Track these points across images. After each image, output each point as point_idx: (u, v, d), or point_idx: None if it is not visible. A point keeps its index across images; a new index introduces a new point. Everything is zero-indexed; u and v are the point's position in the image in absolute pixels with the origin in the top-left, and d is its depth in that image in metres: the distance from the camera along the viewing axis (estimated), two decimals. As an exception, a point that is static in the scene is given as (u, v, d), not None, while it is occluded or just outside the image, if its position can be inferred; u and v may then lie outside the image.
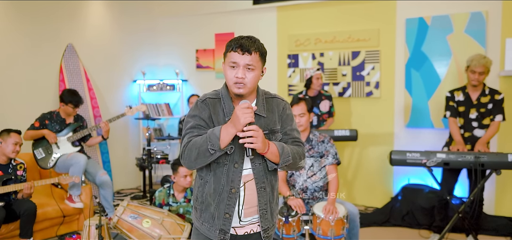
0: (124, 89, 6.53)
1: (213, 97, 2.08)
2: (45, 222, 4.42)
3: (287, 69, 5.97)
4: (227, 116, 2.03)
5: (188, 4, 6.59)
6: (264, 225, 2.11)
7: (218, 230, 2.06)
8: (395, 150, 3.81)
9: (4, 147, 3.98)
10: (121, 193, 6.28)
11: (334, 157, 3.61)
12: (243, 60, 1.95)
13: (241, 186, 2.05)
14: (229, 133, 1.93)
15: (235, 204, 2.05)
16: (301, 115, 3.59)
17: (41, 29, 5.41)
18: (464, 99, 4.17)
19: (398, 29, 5.31)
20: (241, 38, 1.98)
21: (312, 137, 3.67)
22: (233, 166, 2.03)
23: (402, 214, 4.89)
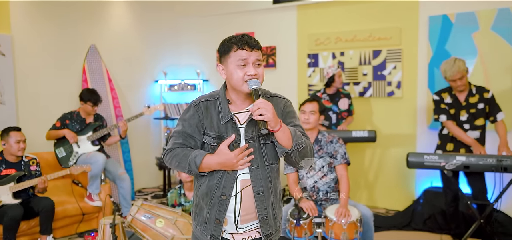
0: (145, 89, 6.61)
1: (207, 100, 2.03)
2: (65, 220, 4.51)
3: (307, 69, 5.90)
4: (222, 120, 1.97)
5: (208, 3, 6.60)
6: (266, 230, 2.02)
7: (210, 235, 2.01)
8: (412, 152, 3.69)
9: (8, 147, 4.08)
10: (143, 192, 6.35)
11: (343, 157, 3.54)
12: (253, 56, 1.92)
13: (238, 192, 1.97)
14: (210, 168, 1.95)
15: (225, 211, 1.98)
16: (311, 112, 3.55)
17: (65, 30, 5.53)
18: (452, 101, 4.01)
19: (420, 27, 5.15)
20: (242, 36, 1.94)
21: (320, 137, 3.60)
22: (227, 172, 1.96)
23: (424, 218, 4.74)
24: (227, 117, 1.97)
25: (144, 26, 6.50)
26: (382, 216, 5.11)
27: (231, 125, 1.97)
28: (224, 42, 1.98)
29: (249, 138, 1.97)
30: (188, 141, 1.99)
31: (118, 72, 6.16)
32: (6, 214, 3.88)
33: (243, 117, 2.00)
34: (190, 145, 1.99)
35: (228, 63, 1.95)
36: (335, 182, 3.59)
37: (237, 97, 2.01)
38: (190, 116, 2.00)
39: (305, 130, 3.53)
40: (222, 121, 1.97)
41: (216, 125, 1.97)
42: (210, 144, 1.97)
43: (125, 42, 6.29)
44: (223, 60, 1.98)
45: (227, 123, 1.97)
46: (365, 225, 3.43)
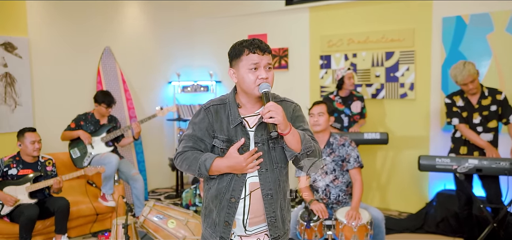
0: (159, 90, 6.67)
1: (217, 104, 2.06)
2: (80, 219, 4.58)
3: (319, 70, 5.89)
4: (231, 123, 2.00)
5: (221, 5, 6.64)
6: (274, 233, 2.05)
7: (219, 237, 2.04)
8: (424, 155, 3.66)
9: (24, 148, 4.15)
10: (156, 192, 6.42)
11: (356, 161, 3.53)
12: (264, 60, 1.96)
13: (247, 195, 2.00)
14: (220, 171, 1.98)
15: (234, 213, 2.01)
16: (320, 114, 3.56)
17: (79, 33, 5.62)
18: (465, 104, 3.96)
19: (434, 29, 5.11)
20: (253, 40, 1.97)
21: (332, 140, 3.60)
22: (236, 175, 1.99)
23: (437, 221, 4.70)
24: (237, 120, 1.99)
25: (157, 28, 6.56)
26: (395, 219, 5.08)
27: (241, 128, 2.00)
28: (235, 46, 2.00)
29: (258, 141, 2.00)
30: (198, 144, 2.02)
31: (132, 74, 6.23)
32: (23, 213, 3.96)
33: (252, 121, 2.02)
34: (200, 148, 2.02)
35: (239, 66, 1.97)
36: (347, 185, 3.59)
37: (248, 101, 2.03)
38: (200, 119, 2.03)
39: (316, 132, 3.55)
40: (232, 125, 2.00)
41: (225, 128, 2.00)
42: (220, 147, 2.00)
43: (139, 44, 6.36)
44: (234, 63, 2.00)
45: (237, 126, 2.00)
46: (376, 228, 3.42)
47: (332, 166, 3.55)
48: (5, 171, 4.10)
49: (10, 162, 4.13)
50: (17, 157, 4.18)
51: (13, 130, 4.95)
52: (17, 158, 4.17)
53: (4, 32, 4.90)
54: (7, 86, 4.93)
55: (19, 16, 5.04)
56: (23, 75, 5.06)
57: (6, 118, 4.94)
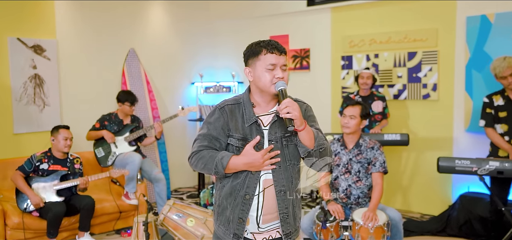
0: (182, 91, 6.78)
1: (232, 103, 2.11)
2: (103, 217, 4.71)
3: (341, 71, 5.87)
4: (246, 122, 2.05)
5: (243, 6, 6.69)
6: (286, 230, 2.10)
7: (232, 234, 2.08)
8: (443, 156, 3.61)
9: (56, 143, 4.30)
10: (179, 191, 6.53)
11: (381, 165, 3.51)
12: (281, 60, 2.02)
13: (260, 192, 2.05)
14: (237, 168, 2.02)
15: (249, 210, 2.05)
16: (351, 116, 3.54)
17: (105, 35, 5.78)
18: (505, 103, 3.87)
19: (458, 28, 5.02)
20: (270, 41, 2.04)
21: (361, 142, 3.59)
22: (251, 172, 2.04)
23: (460, 223, 4.62)
24: (252, 119, 2.05)
25: (180, 29, 6.67)
26: (417, 221, 5.02)
27: (256, 127, 2.05)
28: (252, 45, 2.06)
29: (272, 139, 2.05)
30: (214, 143, 2.06)
31: (155, 75, 6.35)
32: (51, 210, 4.11)
33: (266, 119, 2.08)
34: (215, 147, 2.07)
35: (256, 66, 2.03)
36: (369, 188, 3.58)
37: (262, 100, 2.08)
38: (215, 119, 2.08)
39: (345, 134, 3.56)
40: (247, 123, 2.05)
41: (241, 127, 2.05)
42: (235, 145, 2.05)
43: (163, 45, 6.48)
44: (251, 62, 2.06)
45: (252, 125, 2.05)
46: (393, 228, 3.40)
47: (357, 167, 3.54)
48: (37, 166, 4.26)
49: (42, 157, 4.29)
50: (49, 153, 4.34)
51: (42, 129, 5.14)
52: (49, 154, 4.33)
53: (34, 35, 5.08)
54: (36, 87, 5.12)
55: (48, 19, 5.22)
56: (51, 77, 5.24)
57: (35, 118, 5.12)
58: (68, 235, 4.50)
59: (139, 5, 6.15)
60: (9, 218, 4.13)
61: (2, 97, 4.86)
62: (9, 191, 4.50)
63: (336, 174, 3.63)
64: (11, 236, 4.14)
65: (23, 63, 4.99)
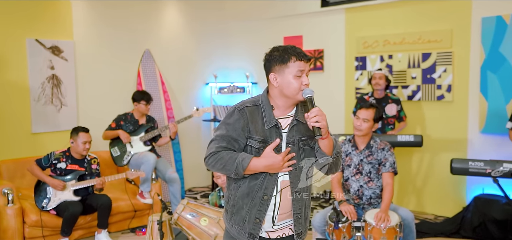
0: (196, 91, 6.84)
1: (251, 105, 2.12)
2: (119, 215, 4.78)
3: (354, 72, 5.87)
4: (266, 125, 2.08)
5: (257, 7, 6.72)
6: (298, 229, 2.16)
7: (247, 234, 2.11)
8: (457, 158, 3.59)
9: (76, 146, 4.38)
10: (193, 191, 6.59)
11: (391, 166, 3.52)
12: (307, 67, 2.07)
13: (277, 192, 2.09)
14: (257, 170, 2.05)
15: (266, 210, 2.09)
16: (364, 119, 3.55)
17: (121, 36, 5.87)
18: None
19: (473, 29, 4.98)
20: (296, 48, 2.07)
21: (372, 143, 3.61)
22: (269, 174, 2.08)
23: (474, 225, 4.58)
24: (272, 122, 2.08)
25: (195, 30, 6.73)
26: (430, 222, 5.00)
27: (275, 130, 2.09)
28: (279, 52, 2.07)
29: (289, 142, 2.09)
30: (232, 144, 2.08)
31: (170, 75, 6.43)
32: (68, 209, 4.20)
33: (284, 122, 2.11)
34: (233, 148, 2.09)
35: (285, 72, 2.04)
36: (381, 189, 3.59)
37: (283, 104, 2.11)
38: (235, 120, 2.09)
39: (357, 135, 3.57)
40: (267, 126, 2.08)
41: (260, 129, 2.08)
42: (255, 147, 2.08)
43: (178, 46, 6.55)
44: (278, 69, 2.06)
45: (272, 128, 2.08)
46: (406, 228, 3.40)
47: (368, 168, 3.56)
48: (55, 164, 4.35)
49: (60, 156, 4.38)
50: (67, 152, 4.42)
51: (59, 129, 5.25)
52: (67, 153, 4.42)
53: (52, 37, 5.19)
54: (53, 87, 5.22)
55: (66, 21, 5.32)
56: (69, 77, 5.34)
57: (53, 118, 5.23)
58: (84, 233, 4.59)
59: (154, 6, 6.23)
60: (27, 216, 4.23)
61: (21, 97, 4.98)
62: (28, 189, 4.60)
63: (348, 175, 3.64)
64: (29, 233, 4.24)
65: (41, 64, 5.10)
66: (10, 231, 4.11)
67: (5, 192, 4.19)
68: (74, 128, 4.44)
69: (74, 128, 4.44)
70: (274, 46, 2.13)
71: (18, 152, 4.90)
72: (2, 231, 4.14)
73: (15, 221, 4.13)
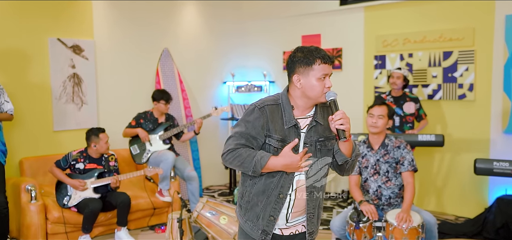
0: (214, 90, 6.86)
1: (271, 104, 2.11)
2: (138, 213, 4.83)
3: (373, 71, 5.82)
4: (286, 124, 2.08)
5: (276, 6, 6.71)
6: (310, 228, 2.19)
7: (261, 230, 2.13)
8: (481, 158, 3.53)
9: (99, 147, 4.42)
10: (210, 189, 6.61)
11: (410, 164, 3.47)
12: (330, 70, 2.07)
13: (292, 191, 2.11)
14: (274, 168, 2.06)
15: (280, 208, 2.11)
16: (380, 116, 3.51)
17: (140, 35, 5.92)
18: None
19: (496, 27, 4.89)
20: (321, 50, 2.06)
21: (387, 142, 3.56)
22: (286, 172, 2.09)
23: (496, 227, 4.50)
24: (292, 122, 2.09)
25: (213, 29, 6.75)
26: (451, 223, 4.93)
27: (294, 129, 2.09)
28: (304, 54, 2.05)
29: (307, 142, 2.10)
30: (251, 142, 2.08)
31: (188, 74, 6.46)
32: (88, 206, 4.25)
33: (303, 123, 2.12)
34: (252, 146, 2.08)
35: (310, 75, 2.04)
36: (399, 188, 3.55)
37: (304, 104, 2.11)
38: (255, 118, 2.08)
39: (373, 134, 3.54)
40: (286, 126, 2.08)
41: (280, 129, 2.08)
42: (274, 146, 2.08)
43: (196, 45, 6.58)
44: (302, 71, 2.05)
45: (291, 127, 2.09)
46: (428, 232, 3.36)
47: (386, 167, 3.52)
48: (73, 164, 4.40)
49: (77, 157, 4.43)
50: (84, 152, 4.47)
51: (80, 127, 5.31)
52: (84, 153, 4.46)
53: (73, 36, 5.26)
54: (74, 86, 5.29)
55: (87, 21, 5.39)
56: (89, 76, 5.40)
57: (74, 116, 5.29)
58: (105, 230, 4.64)
59: (173, 6, 6.26)
60: (50, 212, 4.29)
61: (43, 95, 5.05)
62: (50, 186, 4.67)
63: (365, 176, 3.61)
64: (52, 230, 4.30)
65: (62, 63, 5.17)
66: (33, 227, 4.18)
67: (28, 189, 4.26)
68: (91, 132, 4.44)
69: (91, 132, 4.44)
70: (298, 47, 2.11)
71: (40, 149, 4.98)
72: (25, 227, 4.21)
73: (38, 217, 4.20)
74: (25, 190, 4.27)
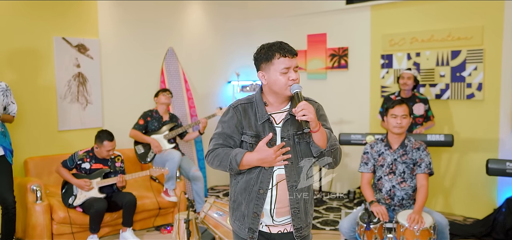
0: (219, 89, 6.82)
1: (245, 103, 2.20)
2: (144, 213, 4.78)
3: (380, 70, 5.77)
4: (259, 120, 2.13)
5: (281, 5, 6.66)
6: (297, 224, 2.16)
7: (247, 229, 2.15)
8: (493, 159, 3.48)
9: (99, 151, 4.37)
10: (215, 189, 6.57)
11: (427, 167, 3.42)
12: (293, 63, 2.09)
13: (274, 186, 2.11)
14: (250, 164, 2.08)
15: (262, 204, 2.12)
16: (403, 116, 3.46)
17: (145, 34, 5.87)
18: None
19: (505, 26, 4.84)
20: (281, 44, 2.11)
21: (407, 142, 3.52)
22: (264, 168, 2.10)
23: (506, 228, 4.45)
24: (264, 117, 2.14)
25: (218, 28, 6.71)
26: (460, 224, 4.88)
27: (268, 125, 2.14)
28: (264, 49, 2.13)
29: (284, 136, 2.13)
30: (228, 141, 2.16)
31: (193, 73, 6.42)
32: (93, 206, 4.21)
33: (279, 117, 2.16)
34: (229, 145, 2.17)
35: (270, 70, 2.10)
36: (413, 190, 3.50)
37: (275, 100, 2.16)
38: (229, 118, 2.18)
39: (392, 134, 3.48)
40: (260, 121, 2.13)
41: (253, 125, 2.14)
42: (248, 142, 2.14)
43: (200, 44, 6.54)
44: (264, 67, 2.13)
45: (264, 123, 2.14)
46: (439, 234, 3.31)
47: (402, 168, 3.47)
48: (79, 164, 4.36)
49: (84, 156, 4.39)
50: (91, 152, 4.43)
51: (84, 127, 5.28)
52: (91, 153, 4.42)
53: (78, 35, 5.22)
54: (79, 85, 5.25)
55: (92, 20, 5.35)
56: (94, 75, 5.37)
57: (79, 116, 5.25)
58: (110, 230, 4.60)
59: (178, 5, 6.22)
60: (55, 213, 4.25)
61: (47, 95, 5.01)
62: (55, 186, 4.64)
63: (380, 175, 3.56)
64: (57, 230, 4.26)
65: (67, 62, 5.13)
66: (39, 228, 4.14)
67: (33, 189, 4.22)
68: (99, 135, 4.38)
69: (98, 135, 4.38)
70: (262, 44, 2.17)
71: (45, 149, 4.94)
72: (31, 227, 4.17)
73: (43, 217, 4.16)
74: (30, 190, 4.24)
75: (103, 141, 4.32)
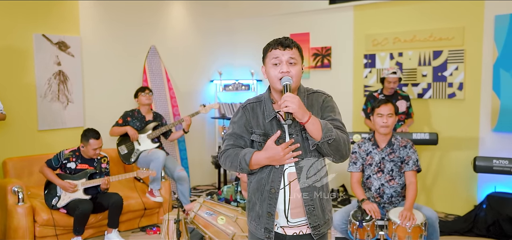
0: (201, 88, 6.76)
1: (253, 102, 2.19)
2: (129, 214, 4.70)
3: (363, 70, 5.84)
4: (266, 118, 2.11)
5: (264, 4, 6.66)
6: (313, 222, 2.09)
7: (263, 229, 2.12)
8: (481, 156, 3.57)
9: (86, 150, 4.26)
10: (197, 189, 6.51)
11: (415, 164, 3.48)
12: (285, 55, 2.03)
13: (286, 185, 2.07)
14: (259, 163, 2.06)
15: (276, 204, 2.09)
16: (389, 115, 3.51)
17: (127, 32, 5.77)
18: None
19: (486, 27, 4.97)
20: (278, 38, 2.09)
21: (394, 141, 3.56)
22: (275, 167, 2.08)
23: (488, 224, 4.58)
24: (271, 115, 2.11)
25: (200, 27, 6.65)
26: (442, 221, 4.97)
27: (276, 122, 2.11)
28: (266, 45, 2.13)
29: (292, 133, 2.09)
30: (239, 141, 2.15)
31: (176, 72, 6.34)
32: (78, 207, 4.10)
33: None
34: (240, 145, 2.15)
35: (267, 64, 2.09)
36: (402, 187, 3.55)
37: (279, 96, 2.11)
38: (238, 118, 2.18)
39: (378, 133, 3.51)
40: (267, 119, 2.11)
41: (262, 123, 2.12)
42: (257, 141, 2.12)
43: (183, 43, 6.47)
44: (264, 61, 2.13)
45: (272, 120, 2.11)
46: (430, 228, 3.37)
47: (390, 166, 3.51)
48: (64, 163, 4.24)
49: (70, 156, 4.26)
50: (77, 152, 4.31)
51: (65, 126, 5.14)
52: (77, 153, 4.30)
53: (59, 32, 5.08)
54: (60, 83, 5.11)
55: (73, 16, 5.21)
56: (75, 73, 5.23)
57: (60, 115, 5.11)
58: (95, 232, 4.50)
59: (160, 3, 6.14)
60: (38, 215, 4.12)
61: (27, 93, 4.86)
62: (36, 187, 4.50)
63: (369, 173, 3.60)
64: (40, 233, 4.13)
65: (47, 60, 4.98)
66: (21, 230, 4.00)
67: (15, 190, 4.08)
68: (85, 133, 4.27)
69: (84, 133, 4.27)
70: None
71: (24, 149, 4.79)
72: (12, 230, 4.03)
73: (26, 220, 4.02)
74: (11, 192, 4.09)
75: (89, 140, 4.21)
